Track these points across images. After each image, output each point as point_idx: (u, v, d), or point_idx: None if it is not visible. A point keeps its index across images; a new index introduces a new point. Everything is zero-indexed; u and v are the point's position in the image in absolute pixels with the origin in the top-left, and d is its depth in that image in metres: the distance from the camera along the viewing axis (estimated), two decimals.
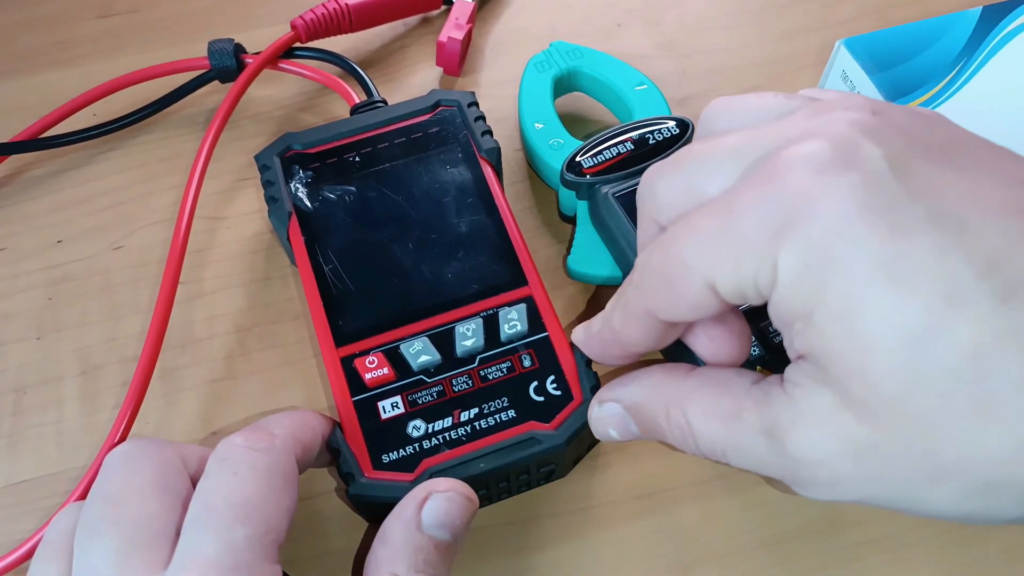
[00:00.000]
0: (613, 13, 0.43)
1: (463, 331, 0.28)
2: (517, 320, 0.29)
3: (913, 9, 0.41)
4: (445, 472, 0.26)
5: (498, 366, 0.28)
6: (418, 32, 0.43)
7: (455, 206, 0.32)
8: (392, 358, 0.28)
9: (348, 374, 0.28)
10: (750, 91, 0.39)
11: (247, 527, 0.22)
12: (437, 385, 0.28)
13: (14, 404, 0.33)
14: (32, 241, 0.37)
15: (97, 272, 0.36)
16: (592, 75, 0.37)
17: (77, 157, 0.39)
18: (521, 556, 0.29)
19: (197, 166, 0.34)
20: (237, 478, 0.23)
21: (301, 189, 0.32)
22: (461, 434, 0.27)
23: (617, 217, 0.31)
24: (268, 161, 0.33)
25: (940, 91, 0.30)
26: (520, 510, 0.29)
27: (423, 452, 0.26)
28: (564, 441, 0.26)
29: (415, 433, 0.27)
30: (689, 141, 0.32)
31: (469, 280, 0.30)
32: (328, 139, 0.34)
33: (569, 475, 0.30)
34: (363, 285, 0.30)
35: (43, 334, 0.34)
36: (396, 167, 0.33)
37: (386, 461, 0.26)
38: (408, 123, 0.34)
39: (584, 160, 0.32)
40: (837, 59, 0.32)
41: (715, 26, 0.42)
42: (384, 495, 0.25)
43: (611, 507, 0.29)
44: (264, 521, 0.22)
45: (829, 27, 0.42)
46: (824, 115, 0.21)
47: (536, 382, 0.28)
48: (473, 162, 0.33)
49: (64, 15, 0.44)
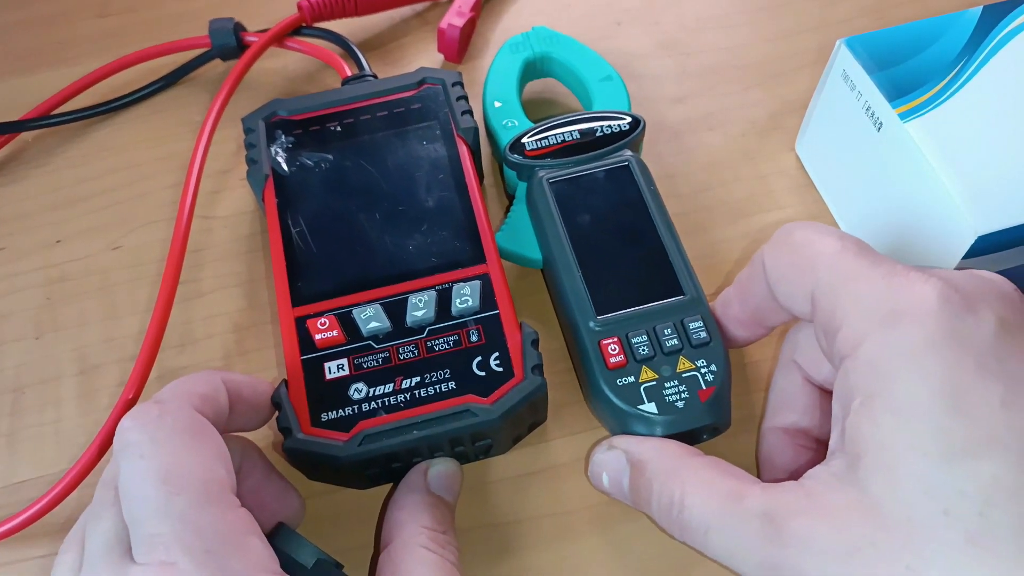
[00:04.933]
0: (613, 12, 0.43)
1: (415, 302, 0.29)
2: (469, 296, 0.29)
3: (913, 9, 0.41)
4: (379, 436, 0.26)
5: (445, 339, 0.28)
6: (424, 19, 0.43)
7: (426, 181, 0.32)
8: (344, 322, 0.29)
9: (300, 333, 0.29)
10: (750, 91, 0.39)
11: (184, 493, 0.21)
12: (384, 352, 0.28)
13: (12, 404, 0.33)
14: (30, 241, 0.37)
15: (95, 272, 0.36)
16: (561, 62, 0.37)
17: (75, 157, 0.39)
18: (521, 556, 0.29)
19: (209, 120, 0.35)
20: (145, 458, 0.22)
21: (281, 153, 0.33)
22: (400, 400, 0.27)
23: (545, 202, 0.31)
24: (253, 124, 0.34)
25: (940, 91, 0.30)
26: (520, 510, 0.29)
27: (361, 414, 0.27)
28: (498, 416, 0.27)
29: (356, 395, 0.27)
30: (638, 138, 0.33)
31: (429, 254, 0.30)
32: (313, 108, 0.34)
33: (569, 475, 0.30)
34: (326, 250, 0.31)
35: (41, 334, 0.34)
36: (375, 139, 0.33)
37: (324, 420, 0.27)
38: (392, 98, 0.34)
39: (528, 142, 0.33)
40: (837, 59, 0.32)
41: (715, 25, 0.42)
42: (317, 451, 0.26)
43: (611, 507, 0.29)
44: (197, 479, 0.22)
45: (829, 26, 0.41)
46: (976, 272, 0.23)
47: (480, 357, 0.28)
48: (450, 140, 0.33)
49: (63, 15, 0.44)
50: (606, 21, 0.42)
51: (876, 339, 0.22)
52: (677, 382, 0.27)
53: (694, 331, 0.28)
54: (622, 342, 0.28)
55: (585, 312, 0.29)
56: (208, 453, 0.23)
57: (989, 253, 0.28)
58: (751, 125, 0.39)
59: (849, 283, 0.23)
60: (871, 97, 0.31)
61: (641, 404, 0.27)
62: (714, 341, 0.28)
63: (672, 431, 0.27)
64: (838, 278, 0.24)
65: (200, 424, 0.23)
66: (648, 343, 0.28)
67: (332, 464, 0.26)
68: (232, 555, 0.21)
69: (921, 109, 0.29)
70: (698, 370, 0.28)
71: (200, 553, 0.20)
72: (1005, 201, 0.27)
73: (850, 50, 0.31)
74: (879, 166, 0.31)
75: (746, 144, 0.38)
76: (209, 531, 0.21)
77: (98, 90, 0.40)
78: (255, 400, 0.26)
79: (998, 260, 0.29)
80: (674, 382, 0.27)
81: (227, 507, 0.22)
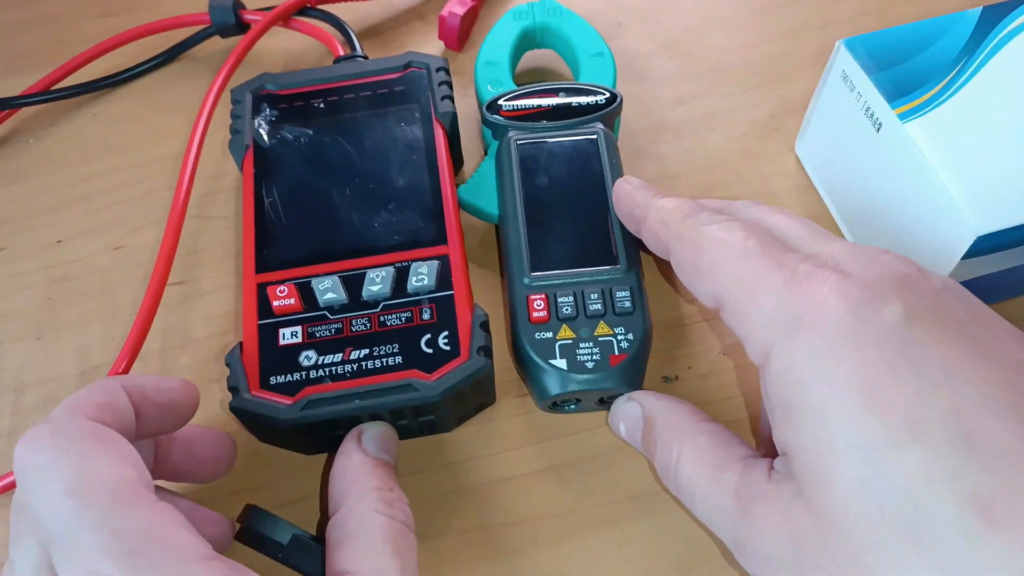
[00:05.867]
0: (614, 12, 0.43)
1: (373, 277, 0.30)
2: (426, 275, 0.30)
3: (913, 9, 0.41)
4: (322, 402, 0.27)
5: (398, 314, 0.29)
6: (431, 6, 0.43)
7: (399, 161, 0.33)
8: (303, 291, 0.30)
9: (260, 299, 0.30)
10: (751, 91, 0.39)
11: (93, 502, 0.20)
12: (337, 323, 0.29)
13: (13, 403, 0.33)
14: (31, 241, 0.37)
15: (96, 272, 0.36)
16: (559, 33, 0.38)
17: (76, 156, 0.39)
18: (521, 556, 0.29)
19: (208, 100, 0.36)
20: (45, 477, 0.21)
21: (263, 126, 0.34)
22: (347, 370, 0.28)
23: (509, 161, 0.33)
24: (240, 96, 0.35)
25: (940, 91, 0.30)
26: (520, 510, 0.29)
27: (307, 380, 0.28)
28: (439, 393, 0.27)
29: (305, 362, 0.28)
30: (612, 113, 0.34)
31: (392, 231, 0.31)
32: (300, 84, 0.35)
33: (570, 474, 0.30)
34: (294, 221, 0.32)
35: (42, 334, 0.34)
36: (355, 118, 0.34)
37: (272, 383, 0.28)
38: (377, 79, 0.35)
39: (505, 103, 0.34)
40: (837, 59, 0.32)
41: (715, 25, 0.42)
42: (262, 412, 0.27)
43: (611, 507, 0.29)
44: (104, 485, 0.21)
45: (829, 26, 0.41)
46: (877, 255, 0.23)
47: (429, 335, 0.29)
48: (428, 123, 0.34)
49: (64, 15, 0.44)
50: (608, 21, 0.42)
51: (782, 349, 0.22)
52: (592, 344, 0.29)
53: (620, 299, 0.29)
54: (548, 299, 0.29)
55: (521, 267, 0.30)
56: (110, 457, 0.22)
57: (989, 253, 0.28)
58: (752, 125, 0.39)
59: (751, 291, 0.24)
60: (871, 98, 0.31)
61: (552, 359, 0.28)
62: (637, 312, 0.29)
63: (575, 389, 0.28)
64: (740, 286, 0.24)
65: (97, 431, 0.22)
66: (572, 304, 0.29)
67: (275, 426, 0.27)
68: (159, 550, 0.20)
69: (921, 109, 0.29)
70: (615, 336, 0.29)
71: (124, 556, 0.20)
72: (1005, 201, 0.27)
73: (849, 51, 0.31)
74: (879, 166, 0.31)
75: (747, 144, 0.38)
76: (129, 532, 0.20)
77: (95, 69, 0.41)
78: (162, 399, 0.25)
79: (998, 260, 0.29)
80: (589, 344, 0.29)
81: (142, 505, 0.21)
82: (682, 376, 0.32)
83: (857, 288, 0.22)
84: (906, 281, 0.22)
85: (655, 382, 0.32)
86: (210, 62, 0.42)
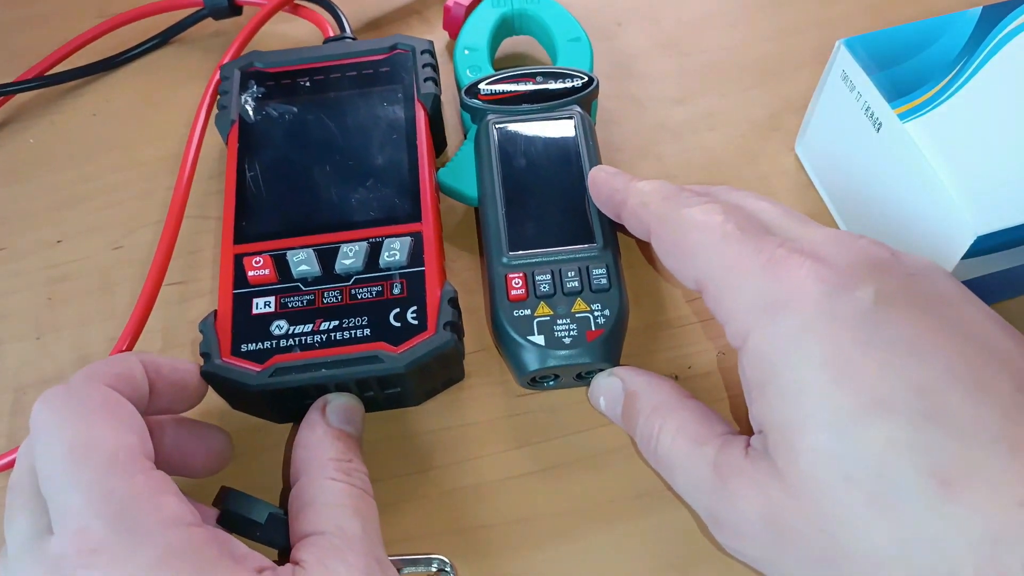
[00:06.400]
0: (613, 11, 0.43)
1: (346, 251, 0.30)
2: (398, 250, 0.30)
3: (913, 9, 0.41)
4: (290, 370, 0.28)
5: (369, 288, 0.30)
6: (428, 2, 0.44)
7: (379, 140, 0.33)
8: (278, 263, 0.30)
9: (236, 269, 0.30)
10: (750, 90, 0.39)
11: (91, 463, 0.22)
12: (310, 294, 0.30)
13: (13, 404, 0.33)
14: (32, 241, 0.37)
15: (96, 272, 0.36)
16: (537, 19, 0.38)
17: (76, 156, 0.39)
18: (521, 556, 0.29)
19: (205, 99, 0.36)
20: (54, 435, 0.23)
21: (250, 102, 0.35)
22: (315, 340, 0.29)
23: (488, 144, 0.33)
24: (229, 72, 0.36)
25: (940, 91, 0.30)
26: (520, 510, 0.29)
27: (277, 349, 0.29)
28: (404, 365, 0.28)
29: (276, 331, 0.29)
30: (589, 96, 0.35)
31: (368, 208, 0.32)
32: (288, 62, 0.36)
33: (570, 474, 0.30)
34: (274, 195, 0.32)
35: (42, 334, 0.34)
36: (340, 97, 0.35)
37: (243, 350, 0.29)
38: (363, 59, 0.36)
39: (484, 88, 0.35)
40: (837, 59, 0.32)
41: (715, 24, 0.42)
42: (231, 377, 0.28)
43: (611, 507, 0.29)
44: (105, 448, 0.22)
45: (829, 26, 0.41)
46: (852, 240, 0.24)
47: (398, 309, 0.29)
48: (409, 104, 0.34)
49: (63, 14, 0.44)
50: (606, 21, 0.42)
51: (760, 332, 0.23)
52: (569, 320, 0.29)
53: (596, 277, 0.30)
54: (527, 278, 0.30)
55: (499, 247, 0.31)
56: (117, 423, 0.23)
57: (989, 253, 0.28)
58: (751, 125, 0.39)
59: (730, 275, 0.24)
60: (870, 97, 0.31)
61: (531, 335, 0.29)
62: (613, 289, 0.30)
63: (553, 364, 0.29)
64: (720, 270, 0.25)
65: (109, 398, 0.24)
66: (550, 282, 0.30)
67: (243, 392, 0.28)
68: (145, 514, 0.22)
69: (921, 109, 0.29)
70: (591, 312, 0.29)
71: (112, 517, 0.21)
72: (1005, 201, 0.27)
73: (849, 50, 0.31)
74: (879, 166, 0.31)
75: (746, 144, 0.38)
76: (120, 495, 0.22)
77: (89, 53, 0.41)
78: (175, 378, 0.27)
79: (998, 260, 0.29)
80: (566, 320, 0.29)
81: (137, 471, 0.22)
82: (682, 376, 0.32)
83: (832, 272, 0.23)
84: (880, 264, 0.23)
85: None
86: (204, 44, 0.43)
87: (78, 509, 0.21)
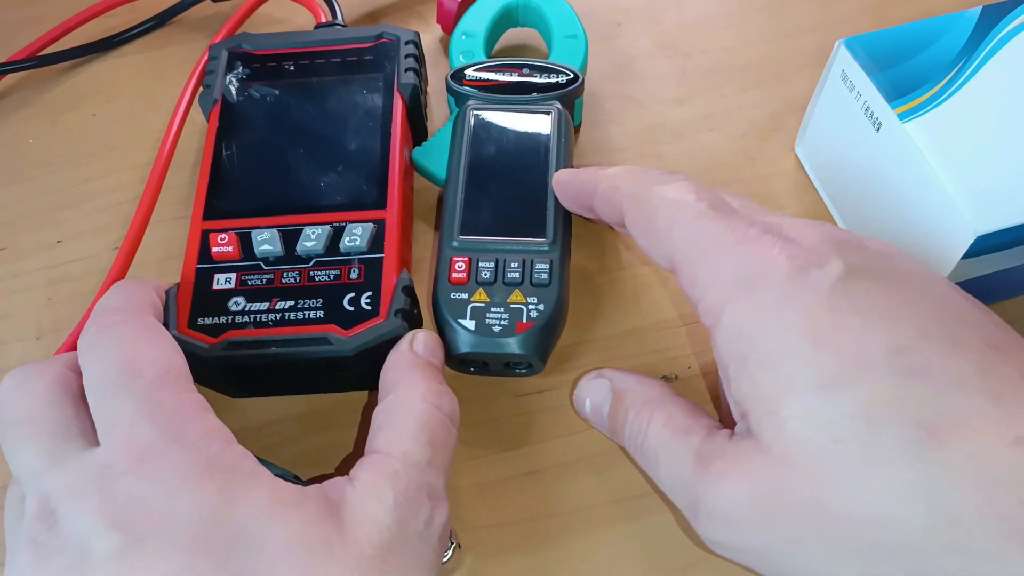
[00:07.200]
0: (613, 12, 0.43)
1: (309, 233, 0.31)
2: (359, 236, 0.31)
3: (913, 9, 0.41)
4: (241, 345, 0.29)
5: (327, 271, 0.30)
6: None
7: (355, 127, 0.34)
8: (242, 241, 0.31)
9: (202, 244, 0.31)
10: (750, 91, 0.39)
11: (144, 376, 0.24)
12: (270, 273, 0.30)
13: None
14: (32, 241, 0.37)
15: (96, 272, 0.36)
16: (538, 12, 0.39)
17: (79, 157, 0.39)
18: (521, 556, 0.29)
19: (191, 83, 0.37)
20: (110, 351, 0.24)
21: (234, 82, 0.35)
22: (270, 319, 0.29)
23: (463, 128, 0.34)
24: (217, 52, 0.37)
25: (940, 91, 0.30)
26: (520, 510, 0.29)
27: (232, 325, 0.29)
28: (351, 348, 0.28)
29: (233, 307, 0.30)
30: (573, 93, 0.35)
31: (336, 192, 0.32)
32: (276, 45, 0.37)
33: (570, 474, 0.30)
34: (246, 174, 0.33)
35: (42, 334, 0.34)
36: (322, 82, 0.35)
37: (200, 323, 0.29)
38: (349, 46, 0.36)
39: (470, 73, 0.35)
40: (837, 59, 0.32)
41: (715, 25, 0.42)
42: (186, 348, 0.28)
43: (611, 507, 0.29)
44: (156, 365, 0.24)
45: (829, 26, 0.42)
46: (817, 224, 0.25)
47: (353, 294, 0.30)
48: (388, 93, 0.35)
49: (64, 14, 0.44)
50: (606, 21, 0.42)
51: (735, 305, 0.24)
52: (503, 310, 0.30)
53: (538, 271, 0.30)
54: (471, 262, 0.30)
55: (451, 229, 0.31)
56: (165, 346, 0.25)
57: (989, 253, 0.28)
58: (751, 126, 0.39)
59: (705, 253, 0.25)
60: (870, 97, 0.31)
61: (462, 319, 0.29)
62: (553, 286, 0.30)
63: (478, 350, 0.29)
64: (694, 249, 0.25)
65: (155, 325, 0.26)
66: (492, 269, 0.30)
67: (196, 364, 0.28)
68: (191, 427, 0.23)
69: (921, 109, 0.29)
70: (526, 305, 0.30)
71: (162, 425, 0.23)
72: (1005, 201, 0.27)
73: (849, 51, 0.31)
74: (879, 166, 0.31)
75: (746, 145, 0.38)
76: (168, 406, 0.23)
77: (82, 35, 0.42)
78: None
79: (998, 260, 0.29)
80: (500, 309, 0.30)
81: (184, 389, 0.24)
82: (682, 376, 0.32)
83: (801, 250, 0.23)
84: (846, 243, 0.24)
85: None
86: (203, 26, 0.43)
87: (130, 417, 0.23)
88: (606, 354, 0.32)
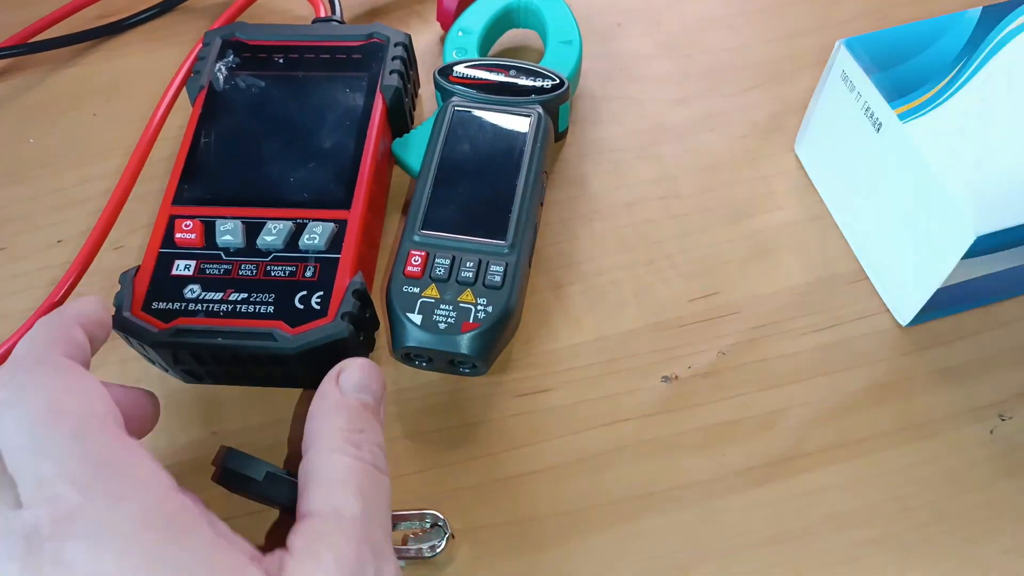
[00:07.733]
0: (613, 13, 0.43)
1: (270, 227, 0.31)
2: (318, 235, 0.31)
3: (913, 9, 0.41)
4: (189, 333, 0.29)
5: (283, 267, 0.30)
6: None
7: (332, 125, 0.34)
8: (207, 229, 0.31)
9: (167, 229, 0.31)
10: (751, 92, 0.39)
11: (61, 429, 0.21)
12: (228, 264, 0.31)
13: None
14: (32, 241, 0.37)
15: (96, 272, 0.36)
16: (538, 14, 0.39)
17: (79, 157, 0.39)
18: (521, 556, 0.29)
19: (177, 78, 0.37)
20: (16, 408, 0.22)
21: (222, 70, 0.36)
22: (221, 309, 0.30)
23: (442, 123, 0.34)
24: (211, 39, 0.37)
25: (940, 91, 0.30)
26: (520, 510, 0.29)
27: (184, 311, 0.30)
28: (294, 347, 0.28)
29: (188, 295, 0.30)
30: (557, 99, 0.35)
31: (303, 189, 0.32)
32: (269, 37, 0.37)
33: (570, 474, 0.30)
34: (220, 163, 0.33)
35: None
36: (307, 77, 0.36)
37: (153, 308, 0.30)
38: (339, 44, 0.37)
39: (458, 70, 0.36)
40: (836, 59, 0.32)
41: (715, 26, 0.42)
42: (134, 331, 0.29)
43: (611, 507, 0.29)
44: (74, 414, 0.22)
45: (829, 27, 0.42)
46: None
47: (305, 292, 0.30)
48: (370, 94, 0.35)
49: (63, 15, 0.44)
50: (607, 22, 0.42)
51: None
52: (451, 308, 0.30)
53: (492, 273, 0.30)
54: (427, 257, 0.31)
55: (414, 222, 0.32)
56: (82, 391, 0.23)
57: (989, 253, 0.28)
58: (752, 126, 0.39)
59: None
60: (870, 98, 0.31)
61: (410, 312, 0.30)
62: (504, 289, 0.30)
63: (423, 345, 0.29)
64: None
65: (69, 367, 0.23)
66: (447, 267, 0.30)
67: (144, 346, 0.29)
68: (120, 478, 0.21)
69: (921, 109, 0.30)
70: (475, 306, 0.30)
71: (85, 482, 0.21)
72: (1005, 201, 0.27)
73: (849, 51, 0.31)
74: (879, 166, 0.31)
75: (747, 145, 0.38)
76: (92, 460, 0.21)
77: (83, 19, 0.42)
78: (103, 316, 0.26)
79: (998, 260, 0.29)
80: (449, 307, 0.30)
81: (110, 436, 0.22)
82: (682, 376, 0.32)
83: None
84: None
85: (655, 382, 0.32)
86: (207, 14, 0.43)
87: (50, 476, 0.21)
88: (606, 354, 0.32)
